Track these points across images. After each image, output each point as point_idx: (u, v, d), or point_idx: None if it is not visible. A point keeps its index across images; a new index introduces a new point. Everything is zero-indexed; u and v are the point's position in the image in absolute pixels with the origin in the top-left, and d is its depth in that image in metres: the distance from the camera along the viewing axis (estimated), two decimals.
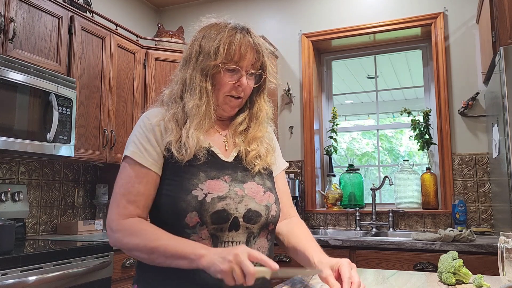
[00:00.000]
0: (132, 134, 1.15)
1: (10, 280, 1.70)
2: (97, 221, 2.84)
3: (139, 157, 1.09)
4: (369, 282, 1.21)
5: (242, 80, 1.14)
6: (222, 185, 1.08)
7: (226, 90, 1.14)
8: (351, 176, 3.28)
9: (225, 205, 1.05)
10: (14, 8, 2.17)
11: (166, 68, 3.15)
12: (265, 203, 1.13)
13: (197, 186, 1.06)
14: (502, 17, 2.27)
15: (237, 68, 1.13)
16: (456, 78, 2.99)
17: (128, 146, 1.12)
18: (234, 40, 1.12)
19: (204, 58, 1.13)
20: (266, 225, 1.13)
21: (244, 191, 1.11)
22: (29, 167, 2.65)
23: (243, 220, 1.07)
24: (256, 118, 1.22)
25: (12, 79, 2.09)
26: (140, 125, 1.14)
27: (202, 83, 1.12)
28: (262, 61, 1.17)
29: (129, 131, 2.95)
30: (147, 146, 1.10)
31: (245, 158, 1.17)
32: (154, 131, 1.12)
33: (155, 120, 1.13)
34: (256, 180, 1.16)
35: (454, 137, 2.94)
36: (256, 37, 1.17)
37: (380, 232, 2.90)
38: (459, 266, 1.15)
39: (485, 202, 2.82)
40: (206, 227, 1.04)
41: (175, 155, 1.08)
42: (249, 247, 1.05)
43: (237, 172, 1.14)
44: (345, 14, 3.34)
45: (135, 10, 3.70)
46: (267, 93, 1.25)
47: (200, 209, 1.03)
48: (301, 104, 3.40)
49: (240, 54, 1.12)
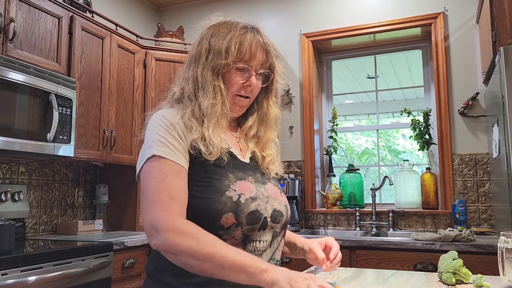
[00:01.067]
0: (151, 134, 1.06)
1: (10, 280, 1.70)
2: (97, 221, 2.84)
3: (171, 155, 1.02)
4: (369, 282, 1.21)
5: (251, 79, 1.13)
6: (250, 186, 1.08)
7: (235, 89, 1.13)
8: (351, 176, 3.27)
9: (257, 206, 1.05)
10: (14, 8, 2.17)
11: (166, 68, 3.15)
12: (284, 203, 1.15)
13: (229, 187, 1.04)
14: (502, 17, 2.27)
15: (247, 67, 1.12)
16: (456, 78, 2.99)
17: (152, 145, 1.03)
18: (245, 39, 1.11)
19: (215, 57, 1.11)
20: (285, 224, 1.15)
21: (268, 191, 1.12)
22: (29, 167, 2.65)
23: (271, 220, 1.08)
24: (266, 120, 1.21)
25: (12, 79, 2.09)
26: (160, 124, 1.07)
27: (215, 82, 1.10)
28: (271, 61, 1.17)
29: (129, 131, 2.95)
30: (175, 143, 1.04)
31: (261, 163, 1.18)
32: (176, 129, 1.06)
33: (174, 118, 1.08)
34: (272, 182, 1.18)
35: (454, 137, 2.94)
36: (266, 37, 1.16)
37: (380, 232, 2.90)
38: (459, 266, 1.15)
39: (485, 202, 2.82)
40: (240, 228, 1.02)
41: (204, 152, 1.04)
42: (273, 246, 1.09)
43: (256, 174, 1.14)
44: (345, 14, 3.34)
45: (135, 10, 3.70)
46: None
47: (236, 210, 1.02)
48: (301, 104, 3.40)
49: (251, 54, 1.12)
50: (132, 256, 2.44)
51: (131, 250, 2.43)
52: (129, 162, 2.93)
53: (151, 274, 1.09)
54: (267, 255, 1.07)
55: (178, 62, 3.12)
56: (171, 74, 3.15)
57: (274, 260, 1.10)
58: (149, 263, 1.10)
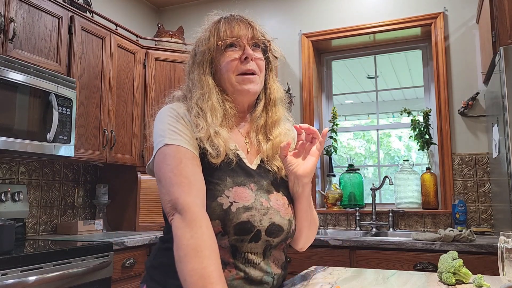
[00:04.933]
0: (162, 124, 1.03)
1: (10, 280, 1.70)
2: (97, 221, 2.84)
3: (183, 143, 0.99)
4: (369, 282, 1.21)
5: (246, 49, 1.06)
6: (248, 194, 1.01)
7: (233, 67, 1.06)
8: (351, 176, 3.28)
9: (250, 217, 0.99)
10: (14, 8, 2.17)
11: (166, 68, 3.15)
12: (288, 217, 1.06)
13: (223, 193, 0.99)
14: (502, 17, 2.27)
15: (235, 39, 1.07)
16: (456, 78, 2.99)
17: (164, 135, 1.00)
18: (221, 23, 1.09)
19: (198, 53, 1.10)
20: (285, 240, 1.07)
21: (270, 202, 1.04)
22: (29, 167, 2.65)
23: (265, 234, 1.01)
24: (270, 101, 1.15)
25: (12, 79, 2.09)
26: (169, 115, 1.04)
27: (201, 74, 1.08)
28: (259, 35, 1.11)
29: (129, 131, 2.95)
30: (186, 132, 1.01)
31: (267, 161, 1.10)
32: (185, 120, 1.04)
33: (182, 110, 1.05)
34: (281, 191, 1.09)
35: (454, 137, 2.94)
36: (244, 15, 1.13)
37: (380, 232, 2.90)
38: (459, 266, 1.14)
39: (485, 202, 2.82)
40: (227, 237, 0.98)
41: (210, 152, 1.00)
42: (265, 258, 1.03)
43: (262, 181, 1.06)
44: (345, 14, 3.34)
45: (135, 10, 3.70)
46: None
47: (224, 219, 0.97)
48: (301, 104, 3.40)
49: (231, 29, 1.08)
50: (132, 256, 2.44)
51: (131, 250, 2.43)
52: (129, 162, 2.93)
53: (147, 270, 1.11)
54: (261, 268, 1.01)
55: (178, 62, 3.12)
56: (171, 74, 3.15)
57: (271, 274, 1.03)
58: (148, 260, 1.12)
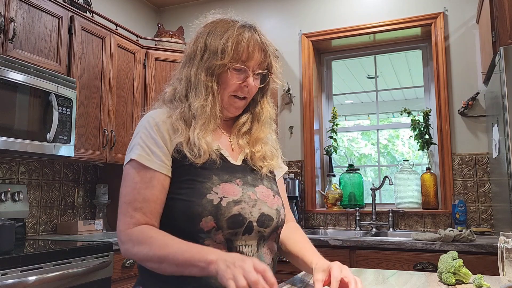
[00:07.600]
0: (135, 136, 1.09)
1: (10, 280, 1.70)
2: (97, 221, 2.84)
3: (146, 160, 1.04)
4: (369, 282, 1.21)
5: (249, 80, 1.10)
6: (235, 189, 1.05)
7: (231, 90, 1.10)
8: (351, 176, 3.28)
9: (241, 209, 1.03)
10: (14, 8, 2.17)
11: (166, 68, 3.15)
12: (275, 207, 1.11)
13: (212, 190, 1.02)
14: (502, 17, 2.27)
15: (244, 68, 1.09)
16: (456, 78, 2.98)
17: (132, 149, 1.07)
18: (242, 39, 1.08)
19: (210, 57, 1.08)
20: (276, 229, 1.12)
21: (257, 194, 1.09)
22: (29, 167, 2.65)
23: (257, 225, 1.05)
24: (259, 118, 1.19)
25: (12, 79, 2.09)
26: (145, 126, 1.08)
27: (208, 83, 1.08)
28: (268, 61, 1.14)
29: (129, 131, 2.95)
30: (154, 148, 1.05)
31: (251, 160, 1.15)
32: (161, 132, 1.06)
33: (161, 120, 1.08)
34: (265, 184, 1.14)
35: (454, 137, 2.94)
36: (263, 36, 1.13)
37: (380, 232, 2.90)
38: (459, 266, 1.14)
39: (485, 202, 2.82)
40: (221, 232, 1.01)
41: (189, 157, 1.04)
42: (259, 249, 1.06)
43: (247, 176, 1.11)
44: (345, 14, 3.34)
45: (135, 10, 3.70)
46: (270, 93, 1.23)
47: (216, 214, 1.00)
48: (301, 104, 3.40)
49: (248, 54, 1.09)
50: None
51: None
52: None
53: (138, 269, 1.15)
54: None
55: (178, 62, 3.10)
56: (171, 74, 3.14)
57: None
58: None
